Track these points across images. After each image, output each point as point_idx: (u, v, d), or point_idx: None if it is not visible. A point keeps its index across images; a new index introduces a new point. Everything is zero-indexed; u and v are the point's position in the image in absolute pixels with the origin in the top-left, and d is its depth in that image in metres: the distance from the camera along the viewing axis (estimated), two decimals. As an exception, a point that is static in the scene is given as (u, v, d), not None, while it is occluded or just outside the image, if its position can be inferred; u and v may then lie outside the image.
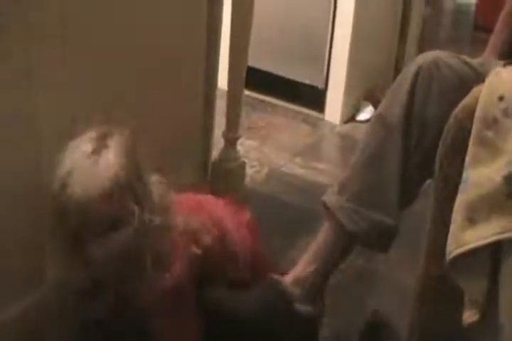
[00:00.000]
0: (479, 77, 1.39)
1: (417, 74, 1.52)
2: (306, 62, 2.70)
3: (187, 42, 1.75)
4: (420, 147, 1.52)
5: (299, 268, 1.64)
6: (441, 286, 1.32)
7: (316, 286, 1.63)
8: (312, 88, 2.71)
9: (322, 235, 1.65)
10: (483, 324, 1.23)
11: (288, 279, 1.62)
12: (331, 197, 1.63)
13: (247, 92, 2.36)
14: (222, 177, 2.18)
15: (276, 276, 1.62)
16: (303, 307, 1.60)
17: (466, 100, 1.19)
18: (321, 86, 2.70)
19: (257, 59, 2.49)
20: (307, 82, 2.72)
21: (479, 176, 1.10)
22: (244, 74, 2.11)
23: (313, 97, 2.73)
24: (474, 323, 1.24)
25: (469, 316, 1.24)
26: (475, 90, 1.19)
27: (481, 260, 1.15)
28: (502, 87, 1.15)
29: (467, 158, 1.13)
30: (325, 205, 1.64)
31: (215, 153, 2.19)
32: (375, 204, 1.57)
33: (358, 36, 2.62)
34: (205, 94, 1.93)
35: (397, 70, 2.75)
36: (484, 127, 1.11)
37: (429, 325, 1.39)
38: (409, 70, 1.54)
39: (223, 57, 2.08)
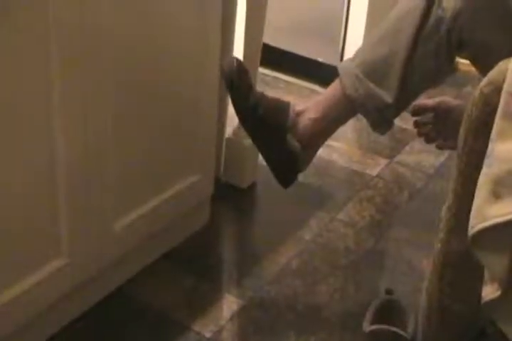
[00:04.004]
0: None
1: None
2: (321, 39, 2.68)
3: (201, 21, 1.73)
4: (436, 32, 1.56)
5: (305, 113, 1.71)
6: (461, 263, 1.32)
7: (310, 133, 1.71)
8: (327, 66, 2.69)
9: (328, 92, 1.73)
10: (503, 301, 1.22)
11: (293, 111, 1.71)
12: (344, 63, 1.73)
13: (261, 69, 2.35)
14: (237, 154, 2.18)
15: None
16: (292, 141, 1.70)
17: (492, 74, 1.17)
18: (336, 64, 2.68)
19: (272, 36, 2.47)
20: (322, 59, 2.70)
21: (505, 150, 1.09)
22: (259, 52, 2.10)
23: (328, 75, 2.70)
24: (494, 300, 1.22)
25: (489, 293, 1.23)
26: (501, 64, 1.18)
27: (504, 235, 1.14)
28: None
29: (493, 132, 1.12)
30: (338, 68, 1.73)
31: (229, 130, 2.19)
32: (377, 77, 1.64)
33: (374, 14, 2.60)
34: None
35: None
36: (512, 100, 1.10)
37: (449, 303, 1.38)
38: None
39: (238, 34, 2.06)
